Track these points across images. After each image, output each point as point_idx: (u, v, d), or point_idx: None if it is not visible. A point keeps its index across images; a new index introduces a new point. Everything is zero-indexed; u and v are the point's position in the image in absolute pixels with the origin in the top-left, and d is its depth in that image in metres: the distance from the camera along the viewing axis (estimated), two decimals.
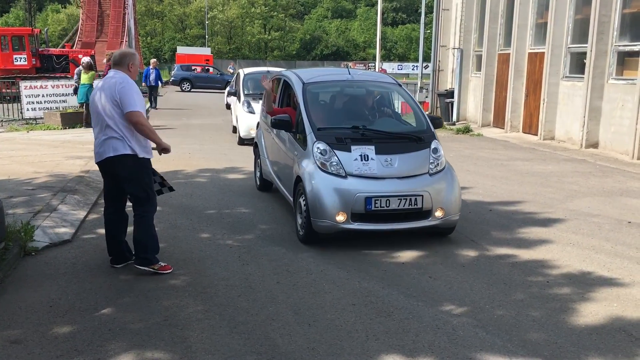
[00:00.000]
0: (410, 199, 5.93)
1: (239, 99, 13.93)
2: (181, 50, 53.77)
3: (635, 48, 12.33)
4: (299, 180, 6.29)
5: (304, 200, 6.08)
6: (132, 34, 23.77)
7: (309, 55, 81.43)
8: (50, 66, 28.13)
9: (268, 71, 13.35)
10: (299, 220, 6.27)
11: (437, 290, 4.93)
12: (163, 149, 5.24)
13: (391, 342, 3.99)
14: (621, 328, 4.28)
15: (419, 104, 7.33)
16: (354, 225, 5.90)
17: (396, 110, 7.72)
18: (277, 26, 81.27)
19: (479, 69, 18.77)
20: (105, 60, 16.20)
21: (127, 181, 5.12)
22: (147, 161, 5.17)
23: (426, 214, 6.05)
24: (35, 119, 16.56)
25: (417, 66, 25.34)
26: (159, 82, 21.97)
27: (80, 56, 27.11)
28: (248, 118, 12.80)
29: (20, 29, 34.59)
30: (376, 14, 24.71)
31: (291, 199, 6.71)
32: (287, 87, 7.68)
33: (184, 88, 36.43)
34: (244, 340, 3.99)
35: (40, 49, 28.93)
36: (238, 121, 13.53)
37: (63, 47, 36.32)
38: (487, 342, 4.00)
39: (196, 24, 77.03)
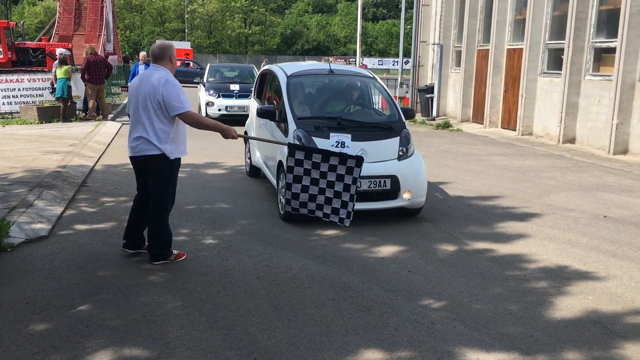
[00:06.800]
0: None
1: (278, 125, 7.26)
2: None
3: (612, 44, 12.50)
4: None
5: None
6: (111, 27, 23.50)
7: (290, 50, 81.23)
8: (27, 60, 27.63)
9: (332, 71, 7.65)
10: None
11: (416, 285, 4.97)
12: (228, 136, 5.24)
13: (370, 337, 4.01)
14: (596, 321, 4.34)
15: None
16: None
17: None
18: (258, 20, 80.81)
19: (458, 64, 18.88)
20: (84, 54, 15.92)
21: (152, 175, 5.17)
22: (178, 161, 5.25)
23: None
24: (11, 113, 16.28)
25: (397, 62, 25.41)
26: None
27: (57, 49, 26.71)
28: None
29: None
30: (357, 9, 24.74)
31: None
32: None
33: None
34: (223, 335, 3.98)
35: (16, 42, 28.42)
36: (283, 188, 6.31)
37: (40, 40, 35.70)
38: (465, 336, 4.04)
39: (176, 17, 76.27)
